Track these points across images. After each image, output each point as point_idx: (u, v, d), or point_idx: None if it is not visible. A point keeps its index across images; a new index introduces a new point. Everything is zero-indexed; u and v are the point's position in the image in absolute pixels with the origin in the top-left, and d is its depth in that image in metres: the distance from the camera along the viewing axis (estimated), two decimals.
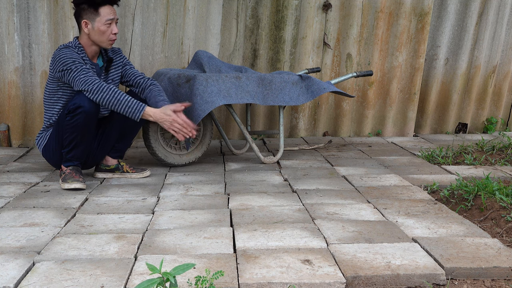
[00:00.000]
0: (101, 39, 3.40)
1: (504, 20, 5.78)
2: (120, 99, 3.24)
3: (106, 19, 3.36)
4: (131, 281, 2.03)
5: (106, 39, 3.41)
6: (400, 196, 3.30)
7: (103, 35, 3.38)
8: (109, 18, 3.37)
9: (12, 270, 2.12)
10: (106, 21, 3.36)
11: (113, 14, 3.40)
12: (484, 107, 6.05)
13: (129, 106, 3.24)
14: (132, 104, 3.26)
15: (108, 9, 3.38)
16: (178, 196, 3.30)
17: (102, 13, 3.36)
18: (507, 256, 2.30)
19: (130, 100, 3.26)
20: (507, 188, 3.20)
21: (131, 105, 3.25)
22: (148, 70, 4.97)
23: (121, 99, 3.24)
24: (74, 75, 3.26)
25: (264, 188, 3.48)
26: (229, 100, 3.80)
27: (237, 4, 5.08)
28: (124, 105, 3.23)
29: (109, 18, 3.37)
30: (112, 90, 3.25)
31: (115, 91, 3.26)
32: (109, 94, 3.23)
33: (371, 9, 5.31)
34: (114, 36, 3.43)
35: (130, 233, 2.58)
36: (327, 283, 2.04)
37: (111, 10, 3.40)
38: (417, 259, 2.27)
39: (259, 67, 5.23)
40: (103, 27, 3.36)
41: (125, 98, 3.25)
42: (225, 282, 2.01)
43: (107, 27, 3.38)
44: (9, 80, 4.81)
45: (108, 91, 3.24)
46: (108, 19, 3.37)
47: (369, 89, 5.52)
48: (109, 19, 3.37)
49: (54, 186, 3.52)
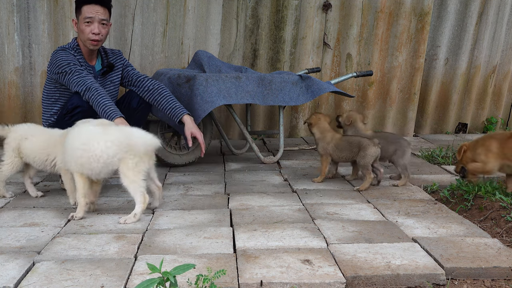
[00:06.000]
0: (82, 38, 3.36)
1: (504, 20, 5.77)
2: (100, 102, 3.15)
3: (84, 17, 3.31)
4: (131, 281, 2.03)
5: (86, 38, 3.34)
6: (400, 196, 3.30)
7: (83, 34, 3.34)
8: (88, 16, 3.30)
9: (12, 270, 2.12)
10: (85, 19, 3.31)
11: (93, 13, 3.31)
12: (484, 107, 6.05)
13: (105, 111, 3.13)
14: (108, 110, 3.13)
15: (90, 8, 3.31)
16: (178, 196, 3.30)
17: (83, 11, 3.31)
18: (507, 256, 2.30)
19: (107, 105, 3.14)
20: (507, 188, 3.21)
21: (107, 110, 3.13)
22: (148, 70, 4.97)
23: (101, 102, 3.15)
24: (69, 77, 3.24)
25: (264, 188, 3.48)
26: (229, 100, 3.80)
27: (237, 4, 5.08)
28: (101, 109, 3.14)
29: (88, 16, 3.30)
30: (98, 92, 3.18)
31: (100, 93, 3.18)
32: (93, 95, 3.16)
33: (371, 9, 5.31)
34: (93, 36, 3.33)
35: (130, 233, 2.58)
36: (327, 283, 2.04)
37: (93, 9, 3.32)
38: (417, 259, 2.27)
39: (259, 67, 5.23)
40: (82, 25, 3.32)
41: (104, 103, 3.14)
42: (225, 282, 2.01)
43: (85, 25, 3.31)
44: (9, 80, 4.81)
45: (94, 91, 3.17)
46: (86, 17, 3.30)
47: (369, 89, 5.52)
48: (88, 17, 3.30)
49: (54, 186, 3.51)
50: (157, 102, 3.48)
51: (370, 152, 3.38)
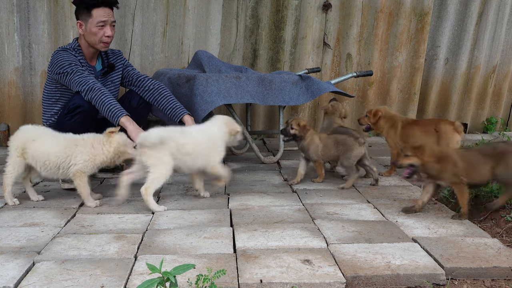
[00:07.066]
0: (94, 41, 3.37)
1: (504, 20, 5.77)
2: (105, 102, 3.17)
3: (97, 21, 3.33)
4: (131, 281, 2.03)
5: (99, 41, 3.37)
6: (400, 196, 3.30)
7: (95, 36, 3.35)
8: (101, 20, 3.34)
9: (12, 270, 2.12)
10: (98, 23, 3.33)
11: (106, 17, 3.35)
12: (484, 107, 6.05)
13: (110, 110, 3.16)
14: (113, 109, 3.16)
15: (102, 11, 3.34)
16: (178, 196, 3.30)
17: (95, 15, 3.33)
18: (507, 256, 2.30)
19: (113, 105, 3.17)
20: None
21: (112, 109, 3.16)
22: (148, 70, 4.97)
23: (106, 101, 3.17)
24: (70, 77, 3.25)
25: (264, 188, 3.48)
26: (229, 100, 3.80)
27: (237, 4, 5.08)
28: (106, 108, 3.16)
29: (101, 20, 3.33)
30: (101, 92, 3.20)
31: (104, 93, 3.20)
32: (97, 95, 3.18)
33: (371, 9, 5.31)
34: (106, 39, 3.38)
35: (130, 233, 2.58)
36: (327, 283, 2.04)
37: (105, 12, 3.35)
38: (417, 259, 2.27)
39: (259, 67, 5.23)
40: (95, 28, 3.34)
41: (109, 102, 3.17)
42: (225, 282, 2.01)
43: (98, 29, 3.34)
44: (9, 80, 4.81)
45: (97, 91, 3.19)
46: (100, 21, 3.33)
47: (369, 89, 5.51)
48: (101, 21, 3.34)
49: (54, 186, 3.51)
50: (157, 102, 3.48)
51: (355, 153, 3.46)
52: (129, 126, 3.11)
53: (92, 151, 2.99)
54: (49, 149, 2.95)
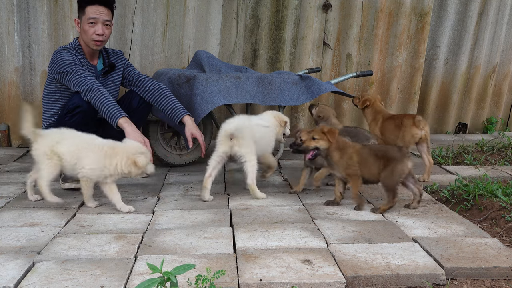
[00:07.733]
0: (86, 39, 3.36)
1: (504, 20, 5.78)
2: (104, 102, 3.16)
3: (88, 17, 3.31)
4: (131, 281, 2.03)
5: (90, 39, 3.35)
6: (400, 196, 3.30)
7: (86, 34, 3.34)
8: (92, 17, 3.31)
9: (12, 270, 2.12)
10: (89, 19, 3.31)
11: (97, 14, 3.32)
12: (484, 107, 6.05)
13: (109, 111, 3.14)
14: (112, 110, 3.14)
15: (94, 9, 3.32)
16: (178, 196, 3.30)
17: (87, 12, 3.32)
18: (507, 256, 2.30)
19: (111, 106, 3.16)
20: (507, 188, 3.20)
21: (111, 110, 3.14)
22: (148, 70, 4.97)
23: (104, 102, 3.16)
24: (70, 77, 3.24)
25: (264, 188, 3.47)
26: (229, 100, 3.80)
27: (237, 4, 5.08)
28: (105, 109, 3.15)
29: (92, 17, 3.31)
30: (101, 92, 3.18)
31: (103, 93, 3.18)
32: (96, 96, 3.17)
33: (371, 9, 5.31)
34: (97, 37, 3.34)
35: (130, 233, 2.58)
36: (327, 283, 2.04)
37: (97, 10, 3.33)
38: (417, 259, 2.27)
39: (259, 67, 5.23)
40: (86, 26, 3.32)
41: (108, 103, 3.16)
42: (225, 282, 2.01)
43: (89, 26, 3.32)
44: (9, 80, 4.81)
45: (97, 92, 3.18)
46: (90, 18, 3.31)
47: (369, 89, 5.51)
48: (92, 17, 3.31)
49: (54, 186, 3.51)
50: (158, 102, 3.48)
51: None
52: (127, 128, 3.10)
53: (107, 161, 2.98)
54: None
